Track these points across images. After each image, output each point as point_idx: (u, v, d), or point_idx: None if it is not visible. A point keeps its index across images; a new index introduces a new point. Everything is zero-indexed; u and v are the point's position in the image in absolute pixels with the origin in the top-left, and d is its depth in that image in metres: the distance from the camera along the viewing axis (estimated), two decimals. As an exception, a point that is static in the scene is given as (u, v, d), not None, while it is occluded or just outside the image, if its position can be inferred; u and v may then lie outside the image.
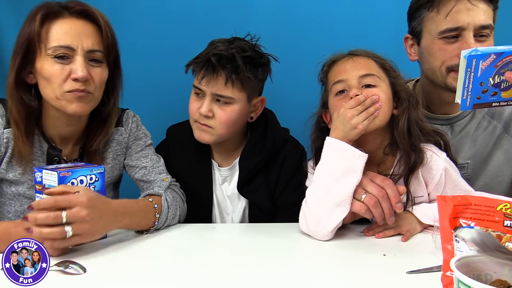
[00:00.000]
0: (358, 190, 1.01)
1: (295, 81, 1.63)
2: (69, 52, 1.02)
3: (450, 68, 1.19)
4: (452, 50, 1.17)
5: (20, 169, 1.10)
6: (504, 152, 1.30)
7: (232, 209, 1.34)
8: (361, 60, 1.12)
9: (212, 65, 1.18)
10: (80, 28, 1.04)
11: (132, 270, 0.88)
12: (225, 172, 1.34)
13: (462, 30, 1.16)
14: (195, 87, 1.24)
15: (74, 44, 1.02)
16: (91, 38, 1.05)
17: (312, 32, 1.63)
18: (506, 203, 0.73)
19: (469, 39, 1.15)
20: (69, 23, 1.04)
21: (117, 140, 1.22)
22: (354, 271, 0.86)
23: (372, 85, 1.08)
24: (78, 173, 0.97)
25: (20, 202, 1.12)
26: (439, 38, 1.19)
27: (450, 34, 1.17)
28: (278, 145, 1.32)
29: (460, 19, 1.15)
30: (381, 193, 1.00)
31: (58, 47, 1.02)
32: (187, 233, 1.12)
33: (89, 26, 1.06)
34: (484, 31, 1.16)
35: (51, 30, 1.03)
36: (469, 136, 1.30)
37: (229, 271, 0.87)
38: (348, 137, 1.03)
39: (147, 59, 1.61)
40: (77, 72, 1.01)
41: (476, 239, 0.68)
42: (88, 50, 1.04)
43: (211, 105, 1.22)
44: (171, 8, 1.61)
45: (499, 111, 1.29)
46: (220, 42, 1.25)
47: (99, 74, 1.07)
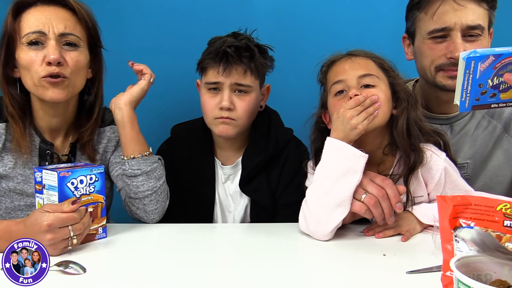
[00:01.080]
0: (358, 190, 1.01)
1: (295, 81, 1.63)
2: (41, 37, 1.03)
3: (438, 67, 1.21)
4: (440, 50, 1.19)
5: (10, 163, 1.10)
6: (504, 152, 1.30)
7: (234, 207, 1.34)
8: (360, 60, 1.12)
9: (231, 56, 1.21)
10: (51, 13, 1.05)
11: (132, 270, 0.87)
12: (228, 170, 1.35)
13: (449, 30, 1.17)
14: (210, 83, 1.24)
15: (45, 28, 1.03)
16: (63, 22, 1.05)
17: (312, 32, 1.63)
18: (506, 203, 0.73)
19: (456, 39, 1.16)
20: (41, 10, 1.05)
21: (108, 137, 1.23)
22: (354, 271, 0.86)
23: (371, 85, 1.08)
24: (78, 173, 0.97)
25: (10, 199, 1.12)
26: (428, 38, 1.20)
27: (438, 34, 1.18)
28: (281, 145, 1.32)
29: (446, 19, 1.16)
30: (381, 193, 1.00)
31: (30, 33, 1.03)
32: (187, 233, 1.13)
33: (61, 11, 1.06)
34: (473, 31, 1.17)
35: (23, 19, 1.04)
36: (468, 135, 1.30)
37: (230, 271, 0.87)
38: (349, 138, 1.03)
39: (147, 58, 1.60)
40: (49, 55, 1.02)
41: (476, 239, 0.68)
42: (60, 34, 1.04)
43: (231, 97, 1.24)
44: (171, 8, 1.61)
45: (499, 111, 1.29)
46: (225, 37, 1.27)
47: (74, 57, 1.06)
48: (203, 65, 1.26)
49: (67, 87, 1.07)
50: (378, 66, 1.12)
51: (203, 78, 1.28)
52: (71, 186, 0.97)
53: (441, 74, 1.21)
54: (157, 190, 1.16)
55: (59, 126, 1.15)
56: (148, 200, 1.15)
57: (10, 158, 1.10)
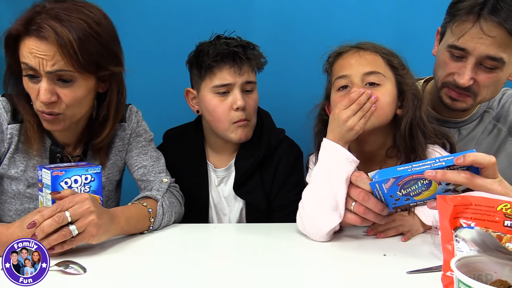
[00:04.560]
0: (347, 199, 0.98)
1: (294, 81, 1.63)
2: (35, 72, 0.99)
3: (444, 84, 1.18)
4: (452, 68, 1.15)
5: (22, 166, 1.10)
6: (508, 155, 1.29)
7: (229, 209, 1.34)
8: (367, 55, 1.08)
9: (241, 55, 1.23)
10: (40, 49, 0.96)
11: (132, 270, 0.87)
12: (221, 173, 1.34)
13: (467, 53, 1.11)
14: (221, 85, 1.23)
15: (36, 66, 0.97)
16: (52, 59, 0.96)
17: (311, 32, 1.63)
18: (506, 203, 0.73)
19: (468, 64, 1.11)
20: (33, 42, 0.97)
21: (120, 136, 1.21)
22: (354, 271, 0.86)
23: (376, 84, 1.05)
24: (72, 173, 0.96)
25: (20, 201, 1.12)
26: (447, 50, 1.15)
27: (456, 52, 1.13)
28: (274, 145, 1.32)
29: (467, 43, 1.10)
30: (360, 196, 0.95)
31: (26, 66, 0.99)
32: (187, 233, 1.13)
33: (50, 46, 0.96)
34: (490, 63, 1.10)
35: (20, 47, 0.99)
36: (474, 140, 1.29)
37: (229, 271, 0.87)
38: (345, 139, 1.01)
39: (147, 58, 1.61)
40: (40, 96, 0.99)
41: (476, 239, 0.68)
42: (48, 72, 0.97)
43: (243, 97, 1.25)
44: (171, 8, 1.62)
45: (505, 115, 1.28)
46: (222, 39, 1.27)
47: (69, 94, 1.01)
48: (210, 69, 1.23)
49: (64, 120, 1.04)
50: (386, 63, 1.08)
51: (208, 82, 1.25)
52: (65, 186, 0.96)
53: (445, 90, 1.19)
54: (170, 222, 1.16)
55: (71, 134, 1.14)
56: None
57: (22, 161, 1.10)
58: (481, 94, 1.16)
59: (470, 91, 1.15)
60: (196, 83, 1.30)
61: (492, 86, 1.15)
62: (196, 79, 1.29)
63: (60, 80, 1.00)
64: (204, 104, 1.28)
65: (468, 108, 1.21)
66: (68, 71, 0.98)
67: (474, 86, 1.14)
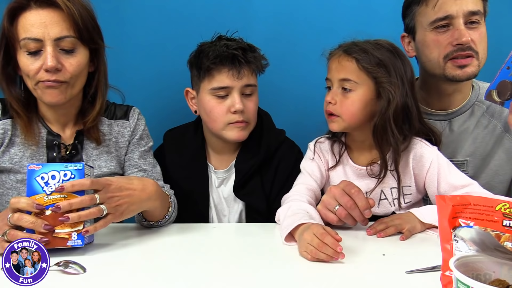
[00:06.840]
0: (331, 201, 1.06)
1: (294, 81, 1.63)
2: (38, 44, 1.03)
3: (447, 57, 1.21)
4: (445, 39, 1.20)
5: (17, 157, 1.12)
6: (506, 150, 1.30)
7: (229, 211, 1.34)
8: (344, 61, 1.14)
9: (240, 58, 1.22)
10: (45, 17, 1.03)
11: (132, 270, 0.88)
12: (222, 174, 1.34)
13: (451, 18, 1.19)
14: (219, 88, 1.23)
15: (41, 35, 1.03)
16: (58, 25, 1.04)
17: (311, 32, 1.63)
18: (505, 202, 0.73)
19: (459, 26, 1.18)
20: (35, 14, 1.04)
21: (121, 132, 1.22)
22: (354, 271, 0.86)
23: (349, 89, 1.12)
24: (49, 168, 0.92)
25: (17, 191, 1.12)
26: (431, 30, 1.22)
27: (440, 23, 1.20)
28: (274, 146, 1.32)
29: (448, 8, 1.19)
30: (349, 204, 1.03)
31: (27, 40, 1.03)
32: (187, 232, 1.13)
33: (56, 13, 1.04)
34: (474, 18, 1.19)
35: (19, 24, 1.04)
36: (468, 133, 1.30)
37: (229, 270, 0.87)
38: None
39: (147, 58, 1.61)
40: (47, 63, 1.03)
41: (475, 239, 0.69)
42: (56, 38, 1.04)
43: (242, 100, 1.24)
44: (171, 8, 1.62)
45: (499, 111, 1.29)
46: (223, 40, 1.27)
47: (74, 63, 1.07)
48: (209, 71, 1.23)
49: (67, 90, 1.08)
50: (361, 68, 1.12)
51: (206, 84, 1.25)
52: (41, 181, 0.91)
53: (450, 64, 1.21)
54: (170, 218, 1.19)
55: (65, 118, 1.16)
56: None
57: (17, 152, 1.12)
58: (480, 51, 1.20)
59: (472, 50, 1.20)
60: (196, 83, 1.30)
61: (482, 42, 1.21)
62: (195, 79, 1.30)
63: (63, 50, 1.05)
64: (202, 104, 1.28)
65: (475, 73, 1.22)
66: (72, 37, 1.05)
67: (472, 45, 1.19)
